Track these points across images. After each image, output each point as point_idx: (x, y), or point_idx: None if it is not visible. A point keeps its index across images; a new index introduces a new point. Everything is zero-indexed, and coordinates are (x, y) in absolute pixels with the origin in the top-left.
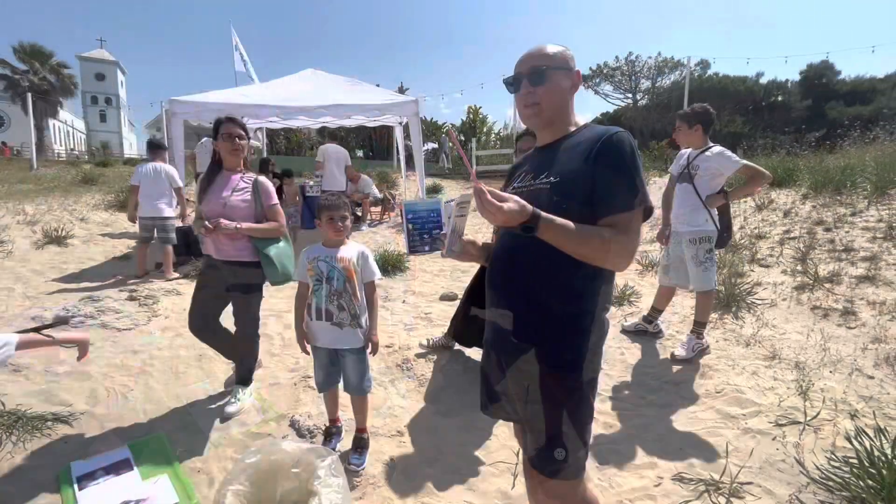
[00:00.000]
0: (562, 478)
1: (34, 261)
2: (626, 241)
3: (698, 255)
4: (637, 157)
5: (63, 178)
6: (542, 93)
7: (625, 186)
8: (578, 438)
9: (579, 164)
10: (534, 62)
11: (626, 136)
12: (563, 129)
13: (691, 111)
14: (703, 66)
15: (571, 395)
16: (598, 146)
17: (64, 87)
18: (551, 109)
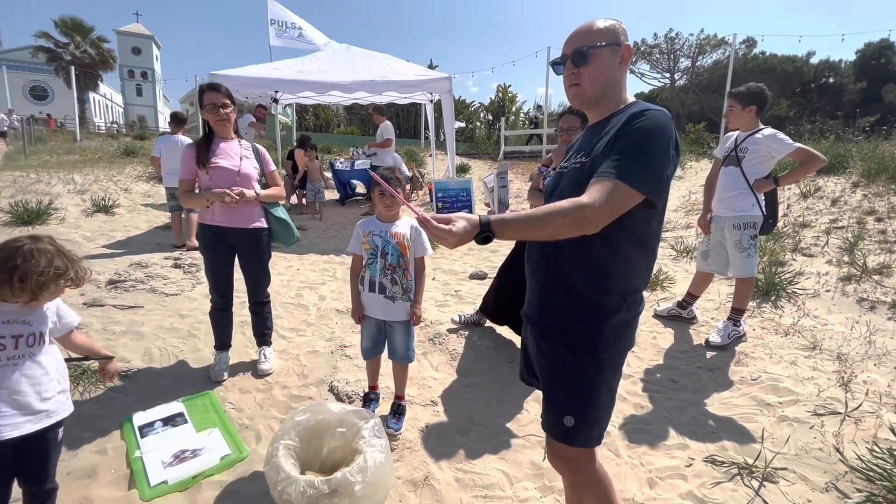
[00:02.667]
0: (569, 443)
1: (84, 227)
2: (590, 209)
3: (742, 240)
4: (659, 140)
5: (106, 150)
6: (586, 73)
7: (625, 157)
8: (589, 412)
9: (609, 140)
10: (578, 42)
11: (660, 116)
12: (611, 106)
13: (746, 91)
14: (748, 44)
15: (584, 372)
16: (627, 118)
17: (103, 61)
18: (595, 89)
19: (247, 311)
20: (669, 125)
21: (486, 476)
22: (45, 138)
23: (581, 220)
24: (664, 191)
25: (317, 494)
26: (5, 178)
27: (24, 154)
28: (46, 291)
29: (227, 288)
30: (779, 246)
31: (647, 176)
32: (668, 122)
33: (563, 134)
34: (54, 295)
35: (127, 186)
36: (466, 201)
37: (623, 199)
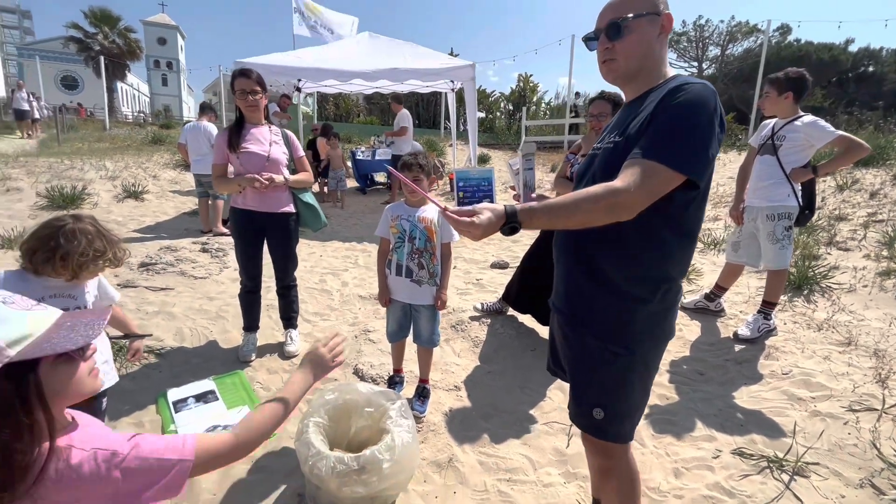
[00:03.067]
0: (600, 437)
1: (116, 212)
2: (624, 195)
3: (776, 231)
4: (701, 115)
5: (134, 139)
6: (621, 48)
7: (663, 135)
8: (620, 405)
9: (643, 121)
10: (612, 14)
11: (702, 89)
12: (648, 81)
13: (784, 76)
14: (783, 31)
15: (615, 363)
16: (665, 93)
17: (130, 51)
18: (631, 64)
19: (273, 295)
20: (713, 98)
21: (510, 460)
22: (76, 126)
23: (614, 207)
24: (707, 170)
25: (346, 470)
26: (41, 164)
27: (57, 142)
28: (86, 271)
29: (256, 271)
30: (812, 239)
31: (687, 154)
32: (710, 94)
33: (593, 120)
34: (94, 274)
35: (155, 173)
36: (488, 191)
37: (661, 181)
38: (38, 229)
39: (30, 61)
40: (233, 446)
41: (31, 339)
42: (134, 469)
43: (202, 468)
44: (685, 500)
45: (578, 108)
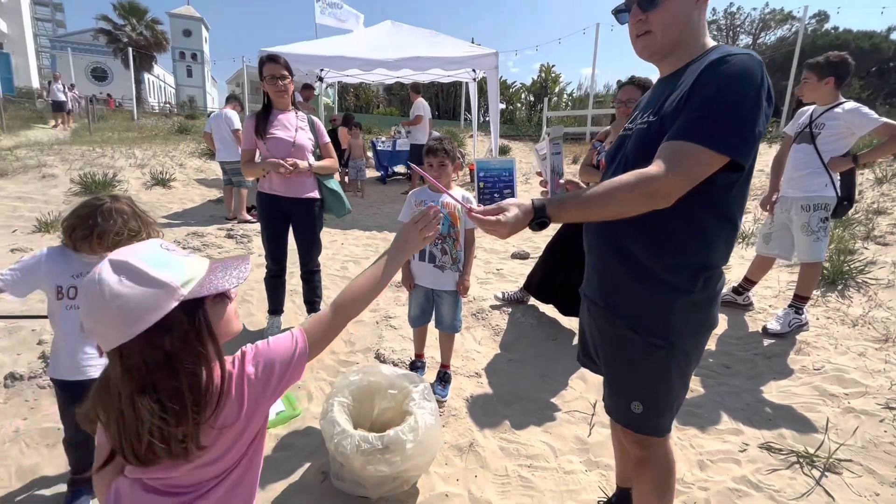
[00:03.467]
0: (638, 431)
1: (144, 199)
2: (661, 180)
3: (811, 223)
4: (745, 89)
5: (161, 128)
6: (656, 18)
7: (702, 113)
8: (660, 399)
9: (679, 97)
10: None
11: (746, 60)
12: (687, 54)
13: (824, 60)
14: (820, 18)
15: (653, 356)
16: (705, 66)
17: (157, 43)
18: (668, 36)
19: (297, 281)
20: (759, 69)
21: (531, 447)
22: (106, 116)
23: (651, 195)
24: (753, 150)
25: (370, 449)
26: (74, 152)
27: (88, 131)
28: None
29: (281, 255)
30: (848, 233)
31: (730, 133)
32: (757, 66)
33: (622, 106)
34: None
35: (181, 162)
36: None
37: (702, 164)
38: (78, 208)
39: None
40: (332, 315)
41: (195, 281)
42: (266, 364)
43: (316, 347)
44: (710, 492)
45: None
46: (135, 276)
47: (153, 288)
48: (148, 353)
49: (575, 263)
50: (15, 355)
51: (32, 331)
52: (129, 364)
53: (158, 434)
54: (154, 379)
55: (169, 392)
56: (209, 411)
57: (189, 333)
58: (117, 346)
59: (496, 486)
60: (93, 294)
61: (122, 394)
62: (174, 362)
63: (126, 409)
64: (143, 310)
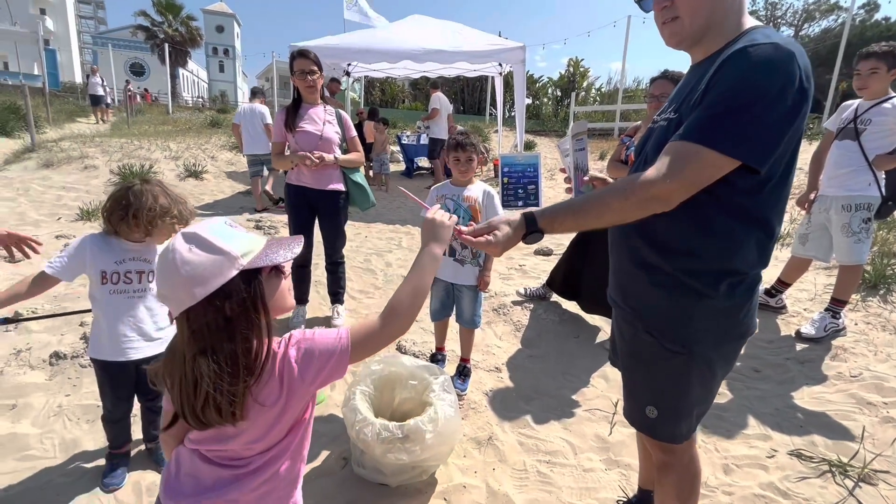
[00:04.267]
0: (652, 436)
1: (178, 189)
2: (650, 185)
3: (851, 224)
4: (761, 84)
5: (194, 122)
6: (682, 2)
7: (709, 111)
8: (675, 406)
9: (702, 88)
10: None
11: (773, 53)
12: (721, 38)
13: (892, 49)
14: (869, 7)
15: (670, 361)
16: (721, 62)
17: (192, 39)
18: (697, 20)
19: (322, 272)
20: (786, 62)
21: (550, 443)
22: (143, 110)
23: (647, 201)
24: (773, 152)
25: (391, 437)
26: (114, 145)
27: (126, 124)
28: (156, 228)
29: (307, 245)
30: (893, 235)
31: (741, 134)
32: (784, 58)
33: (654, 101)
34: (164, 233)
35: (213, 154)
36: (533, 177)
37: (705, 168)
38: (114, 192)
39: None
40: (381, 327)
41: (254, 253)
42: (307, 350)
43: (359, 351)
44: (735, 497)
45: None
46: (202, 245)
47: (217, 255)
48: (210, 316)
49: (599, 261)
50: (59, 335)
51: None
52: (194, 326)
53: (213, 392)
54: (213, 341)
55: (226, 354)
56: (254, 378)
57: (246, 301)
58: (185, 309)
59: (514, 480)
60: (167, 261)
61: (187, 355)
62: (232, 327)
63: (188, 370)
64: (208, 275)
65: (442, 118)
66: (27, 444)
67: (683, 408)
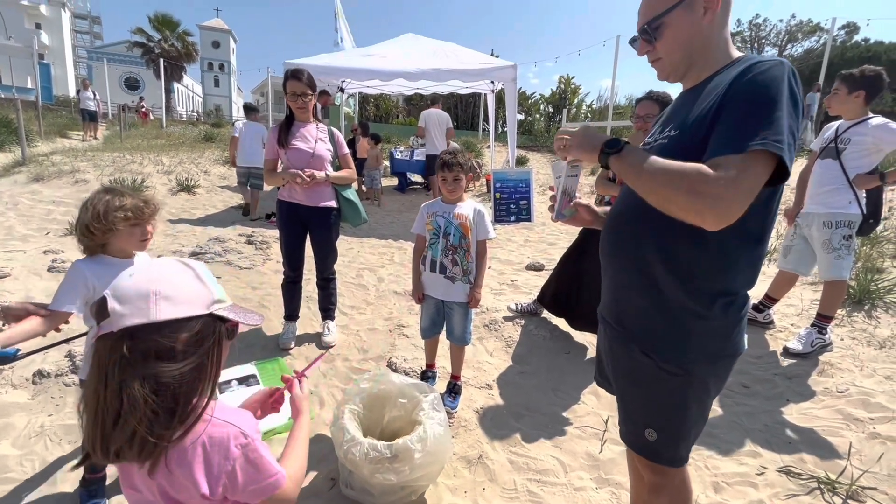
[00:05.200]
0: (652, 459)
1: (170, 204)
2: (717, 184)
3: (832, 240)
4: (776, 90)
5: (188, 136)
6: (662, 47)
7: (742, 121)
8: (676, 428)
9: (707, 108)
10: (644, 16)
11: (774, 67)
12: (707, 68)
13: (859, 73)
14: (849, 30)
15: (669, 382)
16: (734, 79)
17: (187, 54)
18: (675, 59)
19: (313, 288)
20: (791, 76)
21: (541, 461)
22: (136, 124)
23: (696, 196)
24: (794, 154)
25: (379, 457)
26: (106, 159)
27: (119, 138)
28: (118, 226)
29: (298, 262)
30: (876, 251)
31: (778, 133)
32: (788, 72)
33: (639, 121)
34: (128, 235)
35: (206, 169)
36: (525, 192)
37: (759, 172)
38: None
39: (98, 64)
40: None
41: (225, 304)
42: (250, 459)
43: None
44: None
45: None
46: (193, 273)
47: (200, 287)
48: (162, 341)
49: (589, 278)
50: (43, 353)
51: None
52: (138, 347)
53: (145, 425)
54: (157, 371)
55: (167, 386)
56: (183, 433)
57: (205, 340)
58: (136, 325)
59: (504, 499)
60: (147, 268)
61: (111, 381)
62: (182, 359)
63: (111, 398)
64: (182, 299)
65: (432, 134)
66: (6, 466)
67: (683, 429)
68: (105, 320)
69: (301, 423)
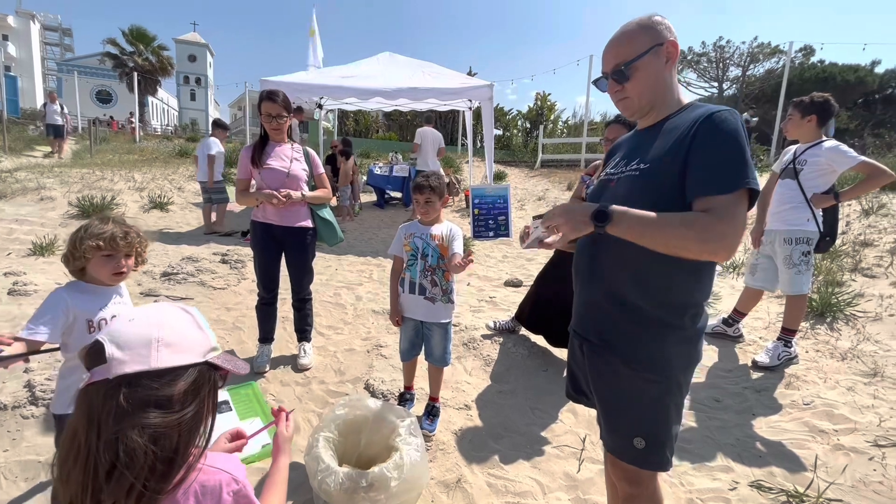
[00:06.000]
0: (643, 466)
1: (142, 222)
2: (722, 225)
3: (792, 256)
4: (741, 137)
5: (162, 151)
6: (631, 88)
7: (723, 165)
8: (660, 433)
9: (673, 148)
10: (615, 59)
11: (731, 115)
12: (665, 110)
13: (808, 99)
14: (806, 52)
15: (651, 391)
16: (696, 127)
17: (162, 68)
18: (644, 100)
19: (288, 308)
20: (739, 120)
21: (519, 483)
22: (108, 139)
23: (708, 239)
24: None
25: (354, 487)
26: (74, 175)
27: (89, 153)
28: (87, 254)
29: (273, 283)
30: (836, 265)
31: (749, 172)
32: (736, 117)
33: (608, 143)
34: (99, 266)
35: (180, 185)
36: (503, 208)
37: (745, 205)
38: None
39: (69, 76)
40: None
41: (218, 353)
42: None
43: None
44: None
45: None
46: (193, 319)
47: (201, 333)
48: (161, 390)
49: (564, 294)
50: (0, 383)
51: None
52: (136, 396)
53: (144, 477)
54: (155, 420)
55: (166, 437)
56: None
57: (201, 388)
58: (134, 372)
59: None
60: (158, 311)
61: (105, 432)
62: (180, 409)
63: (105, 450)
64: (184, 346)
65: (424, 152)
66: None
67: (667, 433)
68: (99, 366)
69: (280, 464)
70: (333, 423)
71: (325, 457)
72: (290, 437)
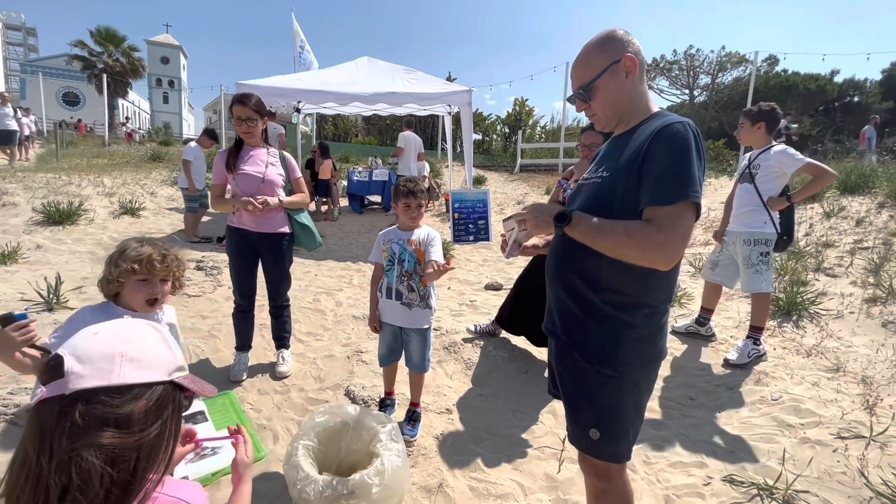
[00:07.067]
0: (597, 456)
1: (112, 228)
2: (661, 235)
3: (751, 256)
4: (691, 150)
5: (133, 155)
6: (596, 106)
7: (668, 178)
8: (615, 425)
9: (630, 158)
10: (577, 80)
11: (685, 127)
12: (633, 119)
13: (757, 109)
14: (770, 62)
15: (606, 385)
16: (649, 139)
17: (133, 70)
18: (609, 115)
19: (266, 315)
20: (690, 131)
21: (500, 486)
22: (75, 142)
23: (648, 248)
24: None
25: (335, 495)
26: (39, 180)
27: (55, 157)
28: (121, 278)
29: (249, 290)
30: (801, 265)
31: (694, 184)
32: (692, 131)
33: (585, 150)
34: (133, 291)
35: (153, 190)
36: (483, 212)
37: (688, 217)
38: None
39: (32, 77)
40: None
41: (185, 372)
42: None
43: None
44: None
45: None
46: (161, 336)
47: (168, 352)
48: (121, 408)
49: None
50: None
51: None
52: (93, 413)
53: (99, 502)
54: (113, 441)
55: (123, 459)
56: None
57: (164, 409)
58: (92, 387)
59: None
60: (126, 326)
61: (58, 452)
62: (139, 429)
63: (57, 471)
64: (149, 364)
65: (407, 156)
66: None
67: (621, 427)
68: (54, 381)
69: (241, 492)
70: (313, 430)
71: (305, 465)
72: (251, 463)
